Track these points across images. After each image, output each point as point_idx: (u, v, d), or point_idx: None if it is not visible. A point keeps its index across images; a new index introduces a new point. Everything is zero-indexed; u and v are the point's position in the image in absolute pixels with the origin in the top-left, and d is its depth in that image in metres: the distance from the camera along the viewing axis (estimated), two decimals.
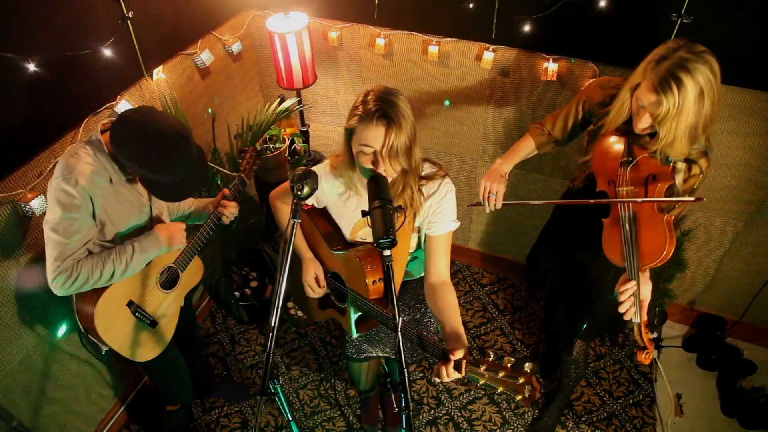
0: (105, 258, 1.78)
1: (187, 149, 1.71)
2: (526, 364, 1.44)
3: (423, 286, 1.90)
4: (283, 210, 2.05)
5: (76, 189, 1.67)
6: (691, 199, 1.72)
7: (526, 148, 2.14)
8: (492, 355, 1.49)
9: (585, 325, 2.30)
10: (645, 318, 1.74)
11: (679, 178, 1.74)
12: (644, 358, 1.83)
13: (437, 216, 1.83)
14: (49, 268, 1.71)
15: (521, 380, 1.43)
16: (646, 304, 1.74)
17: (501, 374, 1.45)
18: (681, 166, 1.73)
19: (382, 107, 1.56)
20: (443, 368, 1.52)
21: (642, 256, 1.70)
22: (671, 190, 1.75)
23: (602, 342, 3.09)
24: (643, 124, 1.68)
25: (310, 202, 1.96)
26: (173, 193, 1.79)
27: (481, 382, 1.48)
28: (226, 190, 2.14)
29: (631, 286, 1.68)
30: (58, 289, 1.73)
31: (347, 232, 1.95)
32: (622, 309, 1.72)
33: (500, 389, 1.46)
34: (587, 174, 2.01)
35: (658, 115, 1.61)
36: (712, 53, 1.59)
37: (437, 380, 1.56)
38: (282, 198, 2.05)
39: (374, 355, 2.25)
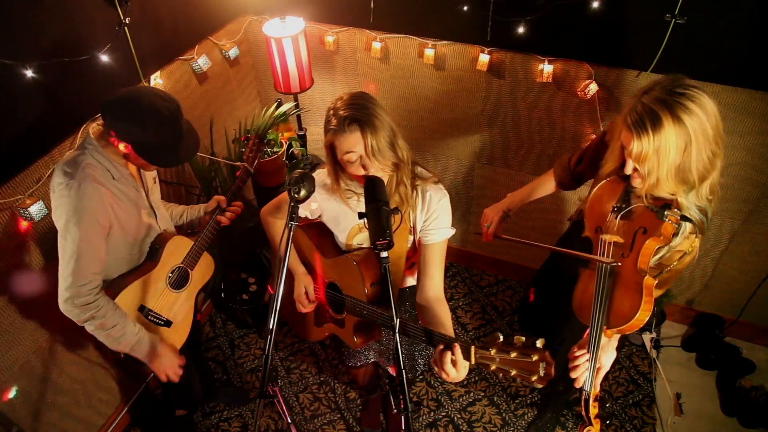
0: (119, 315, 1.84)
1: (176, 111, 1.74)
2: (538, 340, 1.30)
3: None
4: (276, 225, 2.04)
5: (80, 190, 1.68)
6: (608, 260, 1.54)
7: (544, 183, 2.01)
8: (501, 337, 1.36)
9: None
10: (597, 389, 1.57)
11: (676, 241, 1.53)
12: None
13: (432, 223, 1.80)
14: (63, 285, 1.73)
15: (535, 358, 1.29)
16: (602, 374, 1.58)
17: (513, 354, 1.32)
18: (682, 227, 1.51)
19: (351, 113, 1.58)
20: (448, 354, 1.41)
21: (610, 316, 1.54)
22: (661, 251, 1.55)
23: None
24: (626, 170, 1.49)
25: (303, 214, 1.93)
26: (167, 155, 1.77)
27: (493, 367, 1.36)
28: (221, 198, 2.15)
29: (585, 355, 1.54)
30: (68, 307, 1.76)
31: (343, 238, 1.94)
32: (573, 373, 1.56)
33: (513, 372, 1.33)
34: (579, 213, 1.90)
35: (636, 156, 1.42)
36: (704, 91, 1.39)
37: (444, 375, 1.45)
38: (274, 213, 2.04)
39: (373, 360, 2.25)
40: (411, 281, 2.08)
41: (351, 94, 1.65)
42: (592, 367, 1.52)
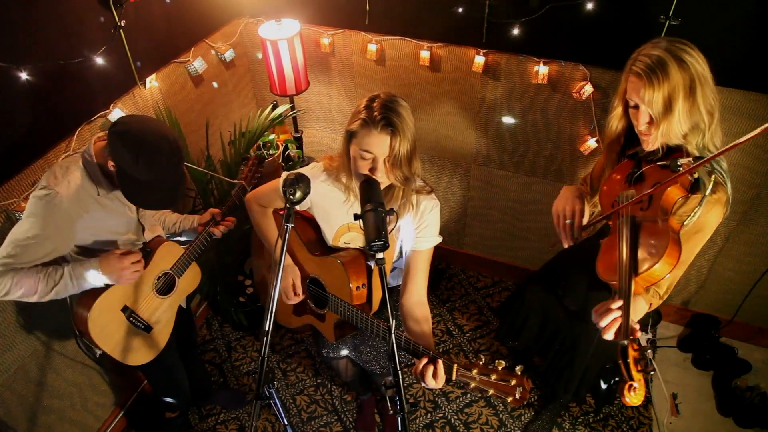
0: (30, 273, 1.71)
1: (175, 164, 1.71)
2: (517, 367, 1.42)
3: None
4: (260, 212, 2.03)
5: (51, 203, 1.66)
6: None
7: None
8: (483, 359, 1.47)
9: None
10: (637, 330, 1.44)
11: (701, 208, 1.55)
12: (632, 396, 1.39)
13: (422, 231, 1.82)
14: None
15: (513, 382, 1.42)
16: (637, 329, 1.47)
17: (493, 377, 1.43)
18: (701, 183, 1.55)
19: (387, 115, 1.57)
20: (431, 368, 1.51)
21: (637, 264, 1.49)
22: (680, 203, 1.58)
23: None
24: (642, 119, 1.56)
25: None
26: (146, 197, 1.75)
27: (472, 385, 1.47)
28: (216, 210, 2.14)
29: (617, 302, 1.46)
30: None
31: (330, 237, 1.94)
32: (602, 322, 1.48)
33: (491, 392, 1.44)
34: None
35: (649, 101, 1.50)
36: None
37: (425, 384, 1.54)
38: (259, 200, 2.03)
39: (345, 354, 2.27)
40: (392, 283, 2.09)
41: (392, 95, 1.65)
42: (626, 312, 1.42)
